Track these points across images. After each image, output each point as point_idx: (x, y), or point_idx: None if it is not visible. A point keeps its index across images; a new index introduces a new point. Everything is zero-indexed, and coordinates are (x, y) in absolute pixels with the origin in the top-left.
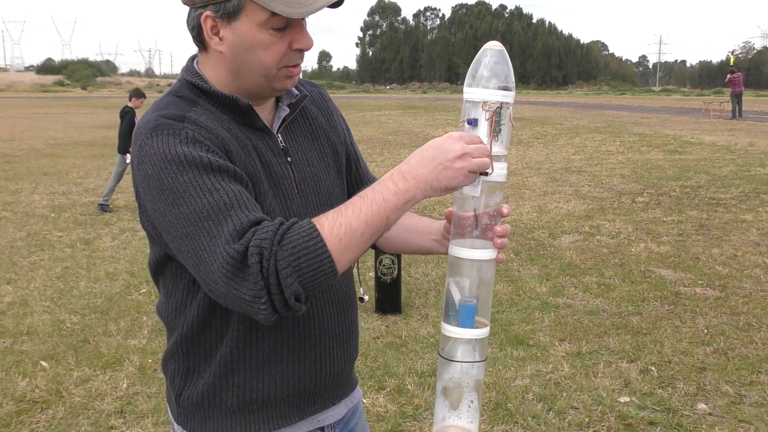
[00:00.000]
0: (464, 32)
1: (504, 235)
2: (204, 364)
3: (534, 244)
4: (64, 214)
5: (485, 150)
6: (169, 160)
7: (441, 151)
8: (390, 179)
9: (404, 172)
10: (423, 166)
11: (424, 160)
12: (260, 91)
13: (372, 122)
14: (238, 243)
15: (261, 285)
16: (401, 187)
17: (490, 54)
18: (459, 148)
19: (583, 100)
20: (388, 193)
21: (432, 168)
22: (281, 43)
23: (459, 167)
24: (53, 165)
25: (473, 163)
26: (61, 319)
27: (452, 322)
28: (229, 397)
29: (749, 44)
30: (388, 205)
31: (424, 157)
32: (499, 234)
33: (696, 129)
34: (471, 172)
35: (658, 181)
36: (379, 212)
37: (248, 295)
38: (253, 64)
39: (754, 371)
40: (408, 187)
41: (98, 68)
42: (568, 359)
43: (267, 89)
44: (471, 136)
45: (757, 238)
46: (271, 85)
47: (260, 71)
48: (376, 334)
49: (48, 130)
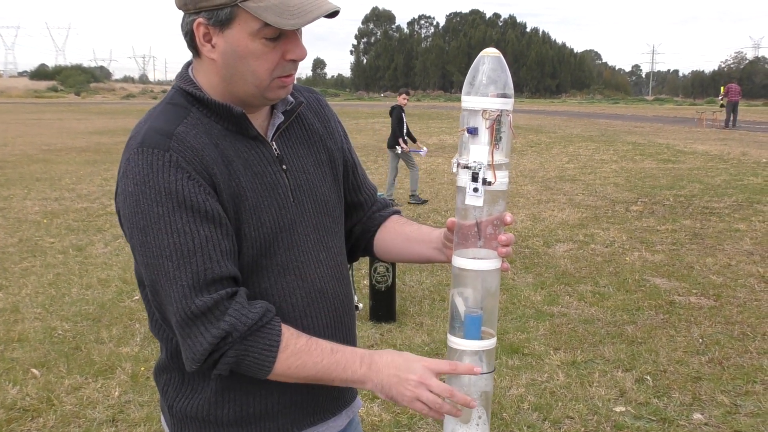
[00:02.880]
0: (458, 40)
1: (508, 244)
2: (199, 379)
3: (528, 252)
4: (56, 220)
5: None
6: (150, 185)
7: (406, 368)
8: (360, 359)
9: (375, 362)
10: (388, 369)
11: (392, 364)
12: (253, 99)
13: (366, 129)
14: (199, 298)
15: (207, 352)
16: (361, 372)
17: (487, 61)
18: (419, 375)
19: (577, 109)
20: (350, 367)
21: (392, 375)
22: (274, 53)
23: (411, 391)
24: (46, 171)
25: (426, 396)
26: (53, 326)
27: (458, 333)
28: (226, 412)
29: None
30: (342, 374)
31: (395, 361)
32: (503, 243)
33: (689, 138)
34: (419, 401)
35: (651, 189)
36: (332, 373)
37: (195, 347)
38: (245, 74)
39: (749, 381)
40: (368, 376)
41: (92, 74)
42: (563, 368)
43: (260, 98)
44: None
45: (750, 247)
46: (264, 95)
47: (252, 80)
48: (371, 342)
49: (41, 136)
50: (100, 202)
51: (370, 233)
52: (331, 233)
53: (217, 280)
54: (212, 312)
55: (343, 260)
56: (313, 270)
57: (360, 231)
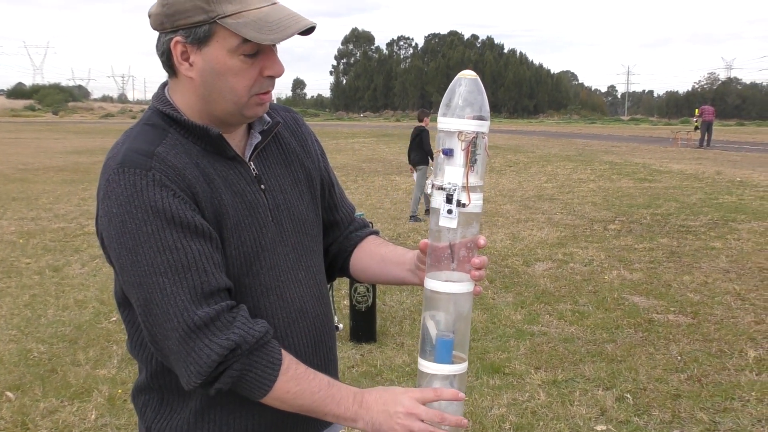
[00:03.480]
0: (437, 61)
1: (481, 267)
2: (179, 399)
3: (508, 271)
4: (32, 240)
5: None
6: (136, 204)
7: (393, 401)
8: (353, 396)
9: (365, 400)
10: (377, 405)
11: (379, 400)
12: (231, 118)
13: (346, 150)
14: (201, 310)
15: (215, 363)
16: (353, 410)
17: (464, 83)
18: (407, 406)
19: (554, 129)
20: (344, 403)
21: (381, 411)
22: (252, 70)
23: (401, 424)
24: (22, 190)
25: (417, 426)
26: (28, 348)
27: (429, 357)
28: None
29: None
30: (336, 410)
31: (382, 397)
32: (477, 266)
33: (665, 157)
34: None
35: (629, 208)
36: (326, 407)
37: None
38: (223, 91)
39: (727, 398)
40: (360, 414)
41: (70, 93)
42: (544, 387)
43: (238, 116)
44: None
45: (726, 265)
46: (242, 112)
47: (231, 98)
48: (351, 362)
49: (18, 155)
50: (77, 222)
51: (346, 253)
52: (310, 252)
53: (215, 292)
54: (215, 323)
55: (322, 279)
56: (293, 290)
57: (336, 250)
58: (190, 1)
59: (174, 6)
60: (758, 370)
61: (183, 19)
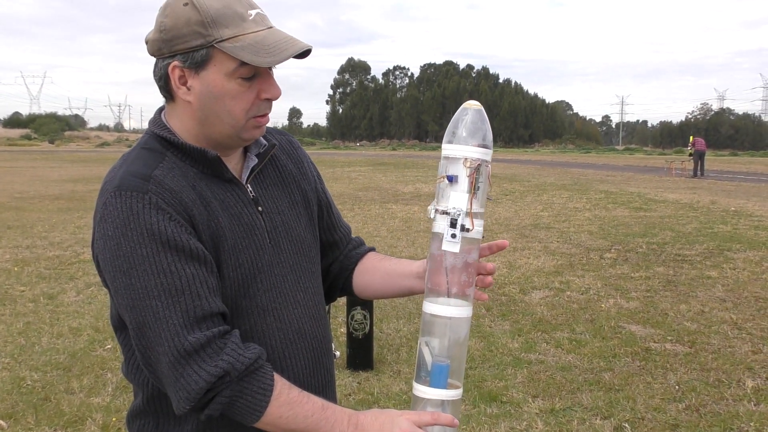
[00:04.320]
0: (432, 91)
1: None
2: (174, 424)
3: (505, 299)
4: (27, 268)
5: None
6: (131, 227)
7: (390, 423)
8: (348, 418)
9: (360, 422)
10: (372, 427)
11: (375, 422)
12: (228, 141)
13: (342, 178)
14: (192, 335)
15: (203, 390)
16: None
17: (470, 113)
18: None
19: (550, 158)
20: (338, 426)
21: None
22: (249, 93)
23: None
24: (18, 218)
25: None
26: (21, 376)
27: (424, 382)
28: None
29: (707, 106)
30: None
31: (378, 419)
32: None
33: (659, 187)
34: None
35: (624, 237)
36: (320, 429)
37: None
38: (221, 114)
39: (726, 428)
40: None
41: (66, 122)
42: (542, 416)
43: (235, 139)
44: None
45: (722, 294)
46: (240, 135)
47: (228, 121)
48: (348, 390)
49: (13, 184)
50: (72, 249)
51: (347, 271)
52: (308, 274)
53: (207, 317)
54: (205, 349)
55: (320, 300)
56: (291, 311)
57: (337, 270)
58: (187, 27)
59: (171, 32)
60: (756, 400)
61: (181, 44)
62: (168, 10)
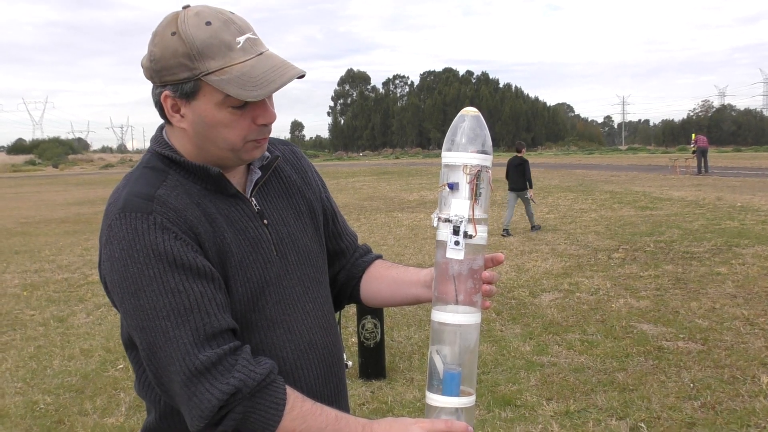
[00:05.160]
0: (433, 98)
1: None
2: None
3: (515, 303)
4: (36, 292)
5: None
6: (137, 249)
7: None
8: (362, 428)
9: (374, 431)
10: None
11: (390, 430)
12: (228, 162)
13: (347, 189)
14: (203, 353)
15: (216, 408)
16: None
17: (468, 119)
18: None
19: (553, 161)
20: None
21: None
22: (243, 120)
23: None
24: (25, 243)
25: None
26: (34, 399)
27: (436, 390)
28: None
29: (708, 102)
30: None
31: (393, 427)
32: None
33: (664, 185)
34: None
35: (632, 236)
36: None
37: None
38: (217, 140)
39: (743, 425)
40: None
41: (70, 146)
42: (557, 419)
43: (235, 160)
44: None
45: (733, 290)
46: (239, 157)
47: (225, 146)
48: (362, 400)
49: (19, 209)
50: (81, 272)
51: (355, 279)
52: (316, 283)
53: (218, 334)
54: (216, 367)
55: (329, 309)
56: (301, 322)
57: (344, 278)
58: (174, 59)
59: (160, 62)
60: None
61: (169, 75)
62: (157, 38)
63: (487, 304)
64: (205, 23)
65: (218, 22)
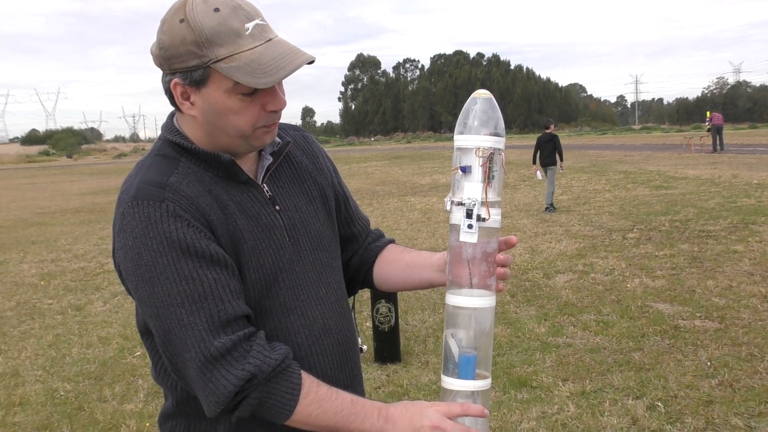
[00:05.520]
0: (444, 81)
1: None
2: (206, 425)
3: (529, 285)
4: (53, 281)
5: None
6: (150, 236)
7: (420, 415)
8: (378, 411)
9: (390, 415)
10: (402, 420)
11: (405, 414)
12: (239, 149)
13: (359, 174)
14: (218, 340)
15: (232, 394)
16: (379, 425)
17: (479, 102)
18: (433, 420)
19: (566, 142)
20: (368, 420)
21: (407, 425)
22: (253, 107)
23: None
24: (41, 233)
25: None
26: (54, 387)
27: (452, 374)
28: None
29: (723, 79)
30: (360, 426)
31: (408, 411)
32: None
33: (679, 164)
34: None
35: (646, 216)
36: (351, 424)
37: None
38: (226, 128)
39: (762, 402)
40: (385, 429)
41: (83, 136)
42: (573, 399)
43: (245, 147)
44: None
45: (750, 268)
46: (250, 143)
47: (235, 133)
48: (377, 384)
49: (35, 200)
50: (97, 260)
51: (367, 264)
52: (329, 269)
53: (232, 321)
54: (231, 353)
55: (342, 294)
56: (314, 307)
57: (357, 263)
58: (183, 46)
59: (169, 50)
60: None
61: (178, 63)
62: (166, 26)
63: (500, 286)
64: (213, 10)
65: (226, 8)
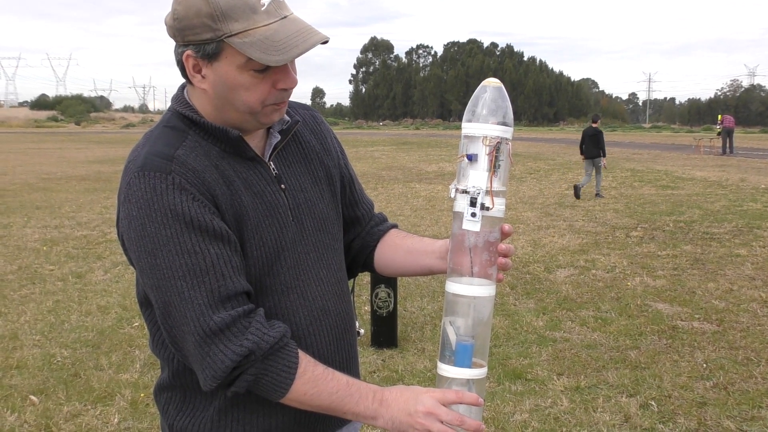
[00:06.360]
0: (456, 70)
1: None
2: (201, 398)
3: (529, 278)
4: (56, 247)
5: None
6: (155, 208)
7: (414, 400)
8: (373, 394)
9: (385, 398)
10: (397, 404)
11: (400, 398)
12: (247, 125)
13: (366, 158)
14: (217, 315)
15: (229, 369)
16: (373, 408)
17: (489, 90)
18: (427, 406)
19: (575, 137)
20: (363, 402)
21: (401, 409)
22: (264, 84)
23: (420, 423)
24: (46, 199)
25: (437, 427)
26: (52, 353)
27: (448, 361)
28: (228, 431)
29: (737, 82)
30: (355, 408)
31: (403, 395)
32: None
33: (687, 165)
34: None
35: (651, 215)
36: (345, 406)
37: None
38: (236, 103)
39: (755, 406)
40: (380, 412)
41: (92, 104)
42: (567, 393)
43: (254, 123)
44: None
45: (752, 272)
46: (258, 120)
47: (244, 109)
48: (372, 368)
49: (41, 165)
50: (100, 229)
51: (369, 248)
52: (331, 250)
53: (232, 296)
54: (230, 329)
55: (343, 277)
56: (314, 288)
57: (359, 246)
58: (197, 18)
59: (183, 21)
60: None
61: (192, 35)
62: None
63: (500, 277)
64: None
65: None
